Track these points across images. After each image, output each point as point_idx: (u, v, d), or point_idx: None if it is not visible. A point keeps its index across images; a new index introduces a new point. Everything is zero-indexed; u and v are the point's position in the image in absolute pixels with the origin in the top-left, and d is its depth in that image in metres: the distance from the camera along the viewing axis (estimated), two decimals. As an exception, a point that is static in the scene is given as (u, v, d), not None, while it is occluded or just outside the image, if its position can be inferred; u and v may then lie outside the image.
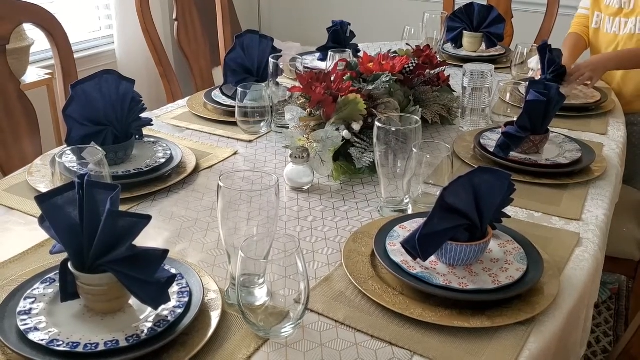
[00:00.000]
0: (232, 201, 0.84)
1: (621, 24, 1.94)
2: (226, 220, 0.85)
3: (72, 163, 1.09)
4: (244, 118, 1.47)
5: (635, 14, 1.90)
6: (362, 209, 1.15)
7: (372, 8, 3.46)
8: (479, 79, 1.53)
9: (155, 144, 1.33)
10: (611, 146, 1.48)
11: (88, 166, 1.05)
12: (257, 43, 1.68)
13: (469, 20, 2.18)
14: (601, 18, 2.00)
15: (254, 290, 0.83)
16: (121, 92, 1.26)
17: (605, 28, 1.99)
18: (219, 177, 0.83)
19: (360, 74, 1.46)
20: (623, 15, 1.93)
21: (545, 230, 1.09)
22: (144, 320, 0.78)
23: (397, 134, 1.08)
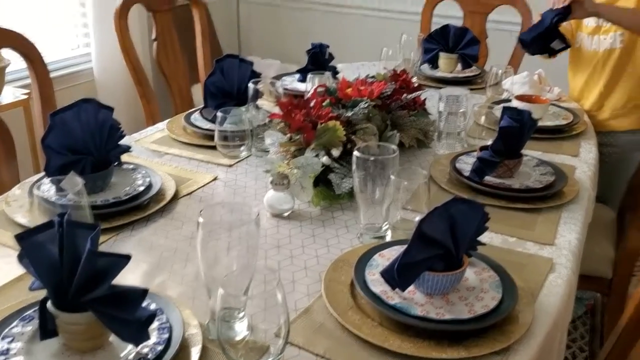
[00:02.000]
0: (211, 234, 0.84)
1: (600, 41, 1.99)
2: (205, 253, 0.85)
3: (50, 193, 1.09)
4: (223, 142, 1.48)
5: (614, 29, 1.95)
6: (341, 236, 1.17)
7: (350, 27, 3.50)
8: (454, 103, 1.56)
9: (134, 171, 1.34)
10: (583, 168, 1.52)
11: (67, 196, 1.05)
12: (237, 67, 1.69)
13: (444, 41, 2.22)
14: (582, 37, 2.04)
15: (234, 325, 0.84)
16: (100, 120, 1.26)
17: (586, 46, 2.03)
18: (200, 212, 0.84)
19: (339, 100, 1.48)
20: (601, 33, 1.97)
21: (519, 256, 1.11)
22: (125, 358, 0.78)
23: (375, 162, 1.10)
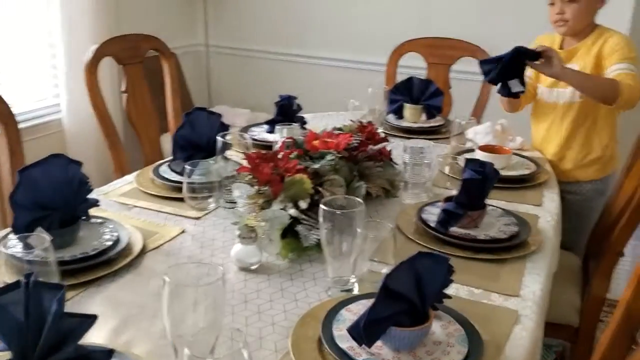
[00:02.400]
0: (177, 293, 0.84)
1: (559, 93, 2.04)
2: (171, 312, 0.85)
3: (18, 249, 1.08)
4: (191, 194, 1.48)
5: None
6: (309, 289, 1.17)
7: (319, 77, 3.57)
8: (419, 154, 1.60)
9: (102, 225, 1.33)
10: (546, 218, 1.56)
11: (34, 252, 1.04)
12: (206, 119, 1.71)
13: (409, 93, 2.28)
14: (542, 90, 2.11)
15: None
16: (68, 175, 1.26)
17: (545, 98, 2.09)
18: (166, 271, 0.84)
19: (306, 152, 1.50)
20: (560, 86, 2.03)
21: (485, 308, 1.13)
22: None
23: (342, 215, 1.11)
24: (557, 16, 1.95)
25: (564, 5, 1.93)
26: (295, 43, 3.61)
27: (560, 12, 1.94)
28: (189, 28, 3.76)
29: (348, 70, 3.46)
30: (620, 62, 1.86)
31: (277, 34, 3.64)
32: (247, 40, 3.73)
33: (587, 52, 1.96)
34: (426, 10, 3.24)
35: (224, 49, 3.80)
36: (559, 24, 1.97)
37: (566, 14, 1.93)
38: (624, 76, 1.82)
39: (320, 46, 3.54)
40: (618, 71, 1.85)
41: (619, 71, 1.85)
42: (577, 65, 1.96)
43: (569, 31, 1.98)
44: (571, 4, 1.92)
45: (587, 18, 1.96)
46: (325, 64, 3.53)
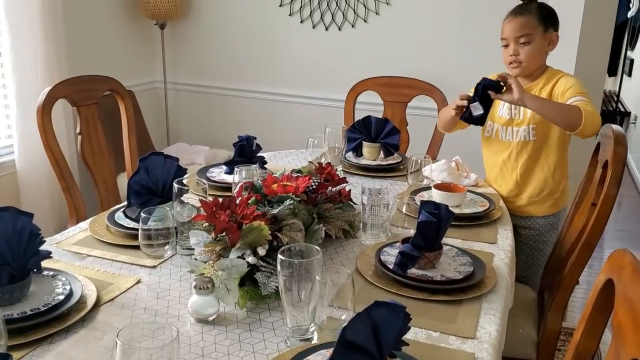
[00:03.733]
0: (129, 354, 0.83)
1: (513, 132, 2.09)
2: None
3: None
4: (147, 241, 1.46)
5: (526, 122, 2.05)
6: (268, 340, 1.16)
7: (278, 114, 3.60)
8: (376, 196, 1.61)
9: (54, 278, 1.30)
10: (500, 256, 1.59)
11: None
12: (162, 164, 1.70)
13: (367, 131, 2.31)
14: (493, 127, 2.14)
15: None
16: (18, 228, 1.23)
17: (500, 136, 2.13)
18: (117, 335, 0.83)
19: (265, 196, 1.50)
20: (514, 125, 2.08)
21: (442, 352, 1.14)
22: None
23: (300, 264, 1.11)
24: (511, 57, 2.03)
25: (518, 47, 2.01)
26: (254, 79, 3.63)
27: (514, 54, 2.02)
28: (147, 65, 3.75)
29: (308, 107, 3.50)
30: (576, 96, 1.93)
31: (235, 71, 3.66)
32: (205, 77, 3.74)
33: (538, 93, 2.03)
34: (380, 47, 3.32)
35: (182, 86, 3.80)
36: (513, 65, 2.04)
37: (520, 55, 2.01)
38: (583, 104, 1.89)
39: (279, 83, 3.58)
40: (577, 102, 1.91)
41: (577, 102, 1.91)
42: None
43: (523, 72, 2.05)
44: (525, 46, 2.00)
45: (539, 59, 2.05)
46: (285, 100, 3.57)
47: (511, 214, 2.07)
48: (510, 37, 2.02)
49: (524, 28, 2.00)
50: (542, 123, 2.01)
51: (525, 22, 2.00)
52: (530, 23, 2.00)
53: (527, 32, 1.99)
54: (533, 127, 2.04)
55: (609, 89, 6.34)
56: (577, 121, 1.83)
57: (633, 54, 6.01)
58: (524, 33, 1.99)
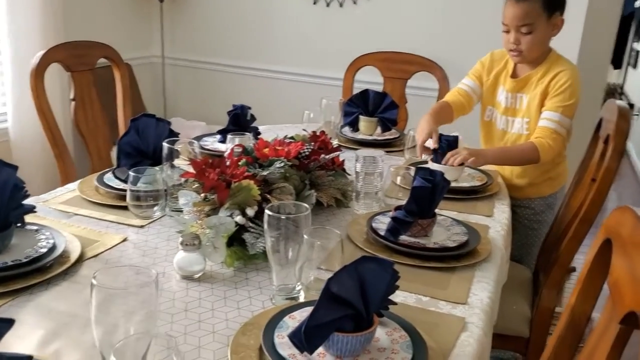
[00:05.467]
0: (107, 299, 0.80)
1: (509, 122, 2.05)
2: (101, 319, 0.81)
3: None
4: (136, 202, 1.43)
5: (521, 115, 2.00)
6: (254, 297, 1.14)
7: (275, 91, 3.57)
8: (371, 164, 1.58)
9: (38, 232, 1.27)
10: (496, 228, 1.56)
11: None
12: (154, 126, 1.67)
13: (364, 105, 2.28)
14: (493, 113, 2.10)
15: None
16: (1, 180, 1.20)
17: (497, 123, 2.08)
18: (93, 275, 0.80)
19: (256, 159, 1.47)
20: (510, 114, 2.04)
21: (432, 316, 1.11)
22: None
23: (288, 221, 1.08)
24: (512, 45, 1.92)
25: (520, 36, 1.89)
26: (252, 56, 3.59)
27: (515, 42, 1.91)
28: (145, 39, 3.71)
29: (305, 85, 3.46)
30: (554, 112, 1.88)
31: (234, 47, 3.62)
32: (203, 53, 3.70)
33: (535, 84, 1.96)
34: (383, 25, 3.28)
35: (180, 61, 3.76)
36: (514, 54, 1.94)
37: (521, 44, 1.90)
38: (547, 132, 1.87)
39: (277, 60, 3.54)
40: (545, 123, 1.88)
41: (546, 124, 1.88)
42: (525, 96, 1.99)
43: (523, 60, 1.97)
44: (527, 35, 1.88)
45: (541, 47, 1.94)
46: (283, 77, 3.53)
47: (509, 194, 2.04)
48: (511, 25, 1.89)
49: (527, 17, 1.86)
50: (535, 119, 1.96)
51: (528, 9, 1.86)
52: (534, 11, 1.86)
53: (529, 21, 1.86)
54: (527, 121, 2.00)
55: (613, 82, 6.30)
56: (535, 160, 1.90)
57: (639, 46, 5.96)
58: (526, 22, 1.86)
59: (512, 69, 2.04)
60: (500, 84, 2.06)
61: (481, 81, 2.11)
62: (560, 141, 1.88)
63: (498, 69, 2.08)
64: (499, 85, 2.07)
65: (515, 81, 2.00)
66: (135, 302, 0.81)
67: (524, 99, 1.98)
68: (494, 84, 2.10)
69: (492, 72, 2.10)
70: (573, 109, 1.90)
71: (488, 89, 2.11)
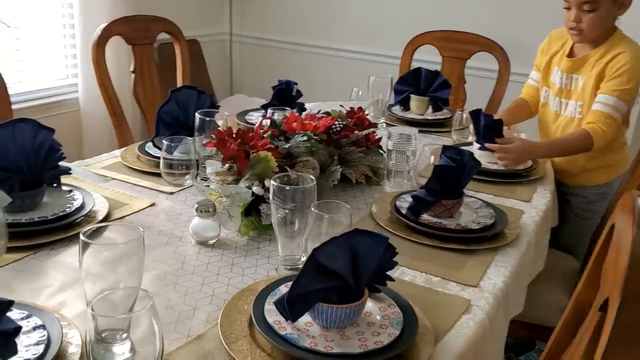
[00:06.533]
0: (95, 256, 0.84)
1: (562, 105, 1.95)
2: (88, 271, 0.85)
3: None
4: (168, 170, 1.48)
5: (575, 97, 1.90)
6: (260, 266, 1.15)
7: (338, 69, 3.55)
8: (404, 141, 1.55)
9: (71, 193, 1.34)
10: (531, 213, 1.49)
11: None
12: (195, 98, 1.71)
13: (416, 84, 2.23)
14: (549, 94, 2.01)
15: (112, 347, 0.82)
16: (37, 141, 1.27)
17: (551, 105, 2.00)
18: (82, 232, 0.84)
19: (284, 133, 1.48)
20: (564, 96, 1.94)
21: (436, 296, 1.09)
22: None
23: (290, 191, 1.09)
24: (572, 23, 1.81)
25: (581, 14, 1.78)
26: (316, 34, 3.59)
27: (576, 20, 1.80)
28: (214, 17, 3.78)
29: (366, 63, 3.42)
30: (609, 95, 1.77)
31: (299, 25, 3.64)
32: (270, 31, 3.74)
33: (593, 65, 1.84)
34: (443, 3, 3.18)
35: (247, 39, 3.82)
36: (573, 32, 1.84)
37: (582, 23, 1.79)
38: (600, 117, 1.76)
39: (341, 38, 3.52)
40: (599, 107, 1.78)
41: (600, 107, 1.78)
42: (580, 78, 1.88)
43: (583, 40, 1.86)
44: (589, 13, 1.77)
45: (604, 26, 1.82)
46: (346, 56, 3.51)
47: (560, 181, 1.95)
48: (573, 2, 1.79)
49: None
50: (589, 103, 1.85)
51: None
52: None
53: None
54: (580, 104, 1.89)
55: None
56: (588, 148, 1.80)
57: None
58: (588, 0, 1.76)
59: (570, 48, 1.93)
60: (555, 64, 1.96)
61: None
62: (614, 127, 1.77)
63: (556, 49, 1.98)
64: (553, 65, 1.96)
65: (572, 61, 1.90)
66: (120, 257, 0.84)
67: (579, 81, 1.88)
68: (549, 63, 2.00)
69: (549, 52, 2.01)
70: (631, 94, 1.77)
71: (543, 69, 2.01)
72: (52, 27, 2.89)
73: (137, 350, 0.81)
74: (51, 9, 2.87)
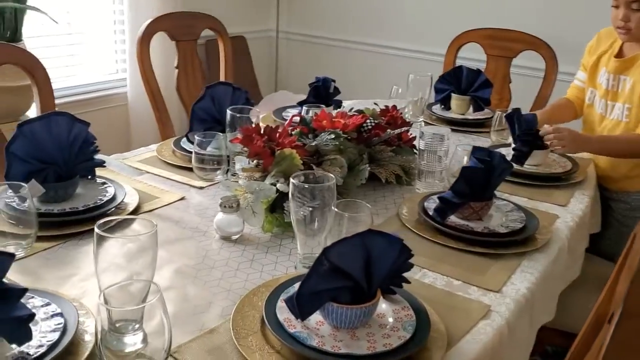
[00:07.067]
0: (109, 245, 0.86)
1: (608, 107, 1.89)
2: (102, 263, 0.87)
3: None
4: (200, 165, 1.50)
5: (622, 99, 1.83)
6: (280, 263, 1.16)
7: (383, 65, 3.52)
8: (437, 141, 1.53)
9: (104, 185, 1.38)
10: (566, 218, 1.45)
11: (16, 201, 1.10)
12: (230, 94, 1.73)
13: (457, 83, 2.19)
14: (595, 95, 1.95)
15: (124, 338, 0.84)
16: (72, 134, 1.31)
17: (596, 107, 1.94)
18: (97, 224, 0.86)
19: (313, 130, 1.48)
20: (610, 98, 1.87)
21: (455, 300, 1.07)
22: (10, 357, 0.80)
23: (308, 189, 1.08)
24: (620, 22, 1.76)
25: (630, 13, 1.73)
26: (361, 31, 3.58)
27: (624, 19, 1.74)
28: (261, 14, 3.81)
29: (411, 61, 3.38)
30: None
31: (345, 22, 3.63)
32: (316, 28, 3.74)
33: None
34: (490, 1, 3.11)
35: (294, 35, 3.84)
36: (621, 31, 1.78)
37: (630, 22, 1.74)
38: None
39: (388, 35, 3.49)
40: None
41: None
42: (629, 79, 1.81)
43: (631, 39, 1.80)
44: (637, 12, 1.71)
45: None
46: (389, 52, 3.48)
47: (603, 186, 1.88)
48: (621, 0, 1.73)
49: None
50: (637, 106, 1.78)
51: None
52: None
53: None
54: (628, 107, 1.81)
55: None
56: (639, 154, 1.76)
57: None
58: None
59: (619, 48, 1.86)
60: (602, 64, 1.89)
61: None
62: None
63: (604, 48, 1.91)
64: (601, 65, 1.89)
65: (620, 61, 1.82)
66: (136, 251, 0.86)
67: (627, 82, 1.80)
68: (596, 63, 1.93)
69: (596, 52, 1.94)
70: None
71: (590, 69, 1.94)
72: (103, 22, 2.98)
73: (149, 342, 0.83)
74: (103, 5, 2.96)
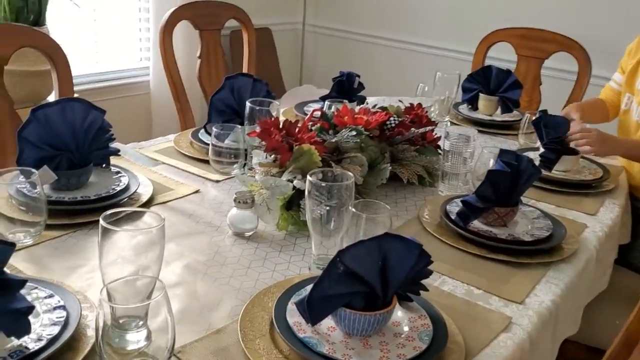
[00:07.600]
0: (114, 239, 0.83)
1: None
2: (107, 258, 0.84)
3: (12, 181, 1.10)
4: (217, 157, 1.46)
5: None
6: (293, 263, 1.12)
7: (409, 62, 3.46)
8: (463, 142, 1.47)
9: (117, 174, 1.35)
10: (594, 228, 1.38)
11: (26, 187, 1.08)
12: (250, 86, 1.69)
13: (485, 82, 2.12)
14: (632, 101, 1.87)
15: (126, 334, 0.81)
16: (87, 121, 1.28)
17: (633, 113, 1.86)
18: (102, 216, 0.83)
19: (334, 126, 1.44)
20: None
21: (475, 310, 1.01)
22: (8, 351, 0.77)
23: (326, 188, 1.04)
24: None
25: None
26: (388, 27, 3.52)
27: None
28: (288, 6, 3.77)
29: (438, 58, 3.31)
30: None
31: (373, 17, 3.57)
32: (343, 22, 3.69)
33: None
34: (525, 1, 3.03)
35: (320, 29, 3.79)
36: None
37: None
38: None
39: (416, 32, 3.43)
40: None
41: None
42: None
43: None
44: None
45: None
46: (416, 49, 3.41)
47: (634, 195, 1.80)
48: None
49: None
50: None
51: None
52: None
53: None
54: None
55: None
56: None
57: None
58: None
59: None
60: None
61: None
62: None
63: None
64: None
65: None
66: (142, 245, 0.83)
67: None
68: (635, 67, 1.85)
69: (637, 55, 1.86)
70: None
71: (629, 73, 1.86)
72: (128, 10, 2.96)
73: (153, 339, 0.80)
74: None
